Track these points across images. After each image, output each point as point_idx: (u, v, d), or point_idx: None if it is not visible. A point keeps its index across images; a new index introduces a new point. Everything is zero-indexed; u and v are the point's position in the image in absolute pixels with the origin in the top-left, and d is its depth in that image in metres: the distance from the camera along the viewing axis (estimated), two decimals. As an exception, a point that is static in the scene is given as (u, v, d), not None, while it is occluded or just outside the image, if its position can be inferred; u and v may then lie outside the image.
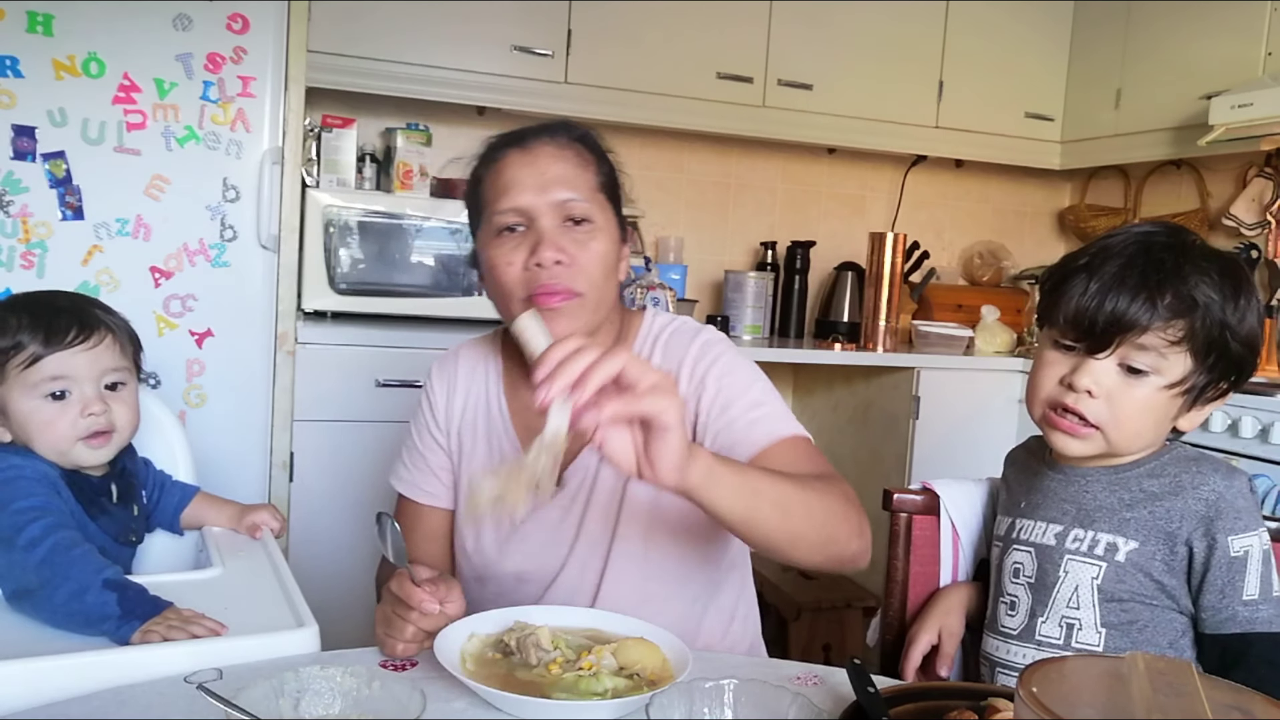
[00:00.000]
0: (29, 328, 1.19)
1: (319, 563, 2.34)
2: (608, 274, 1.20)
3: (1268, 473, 2.33)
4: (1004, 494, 1.30)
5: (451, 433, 1.32)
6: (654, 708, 0.83)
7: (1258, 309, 1.11)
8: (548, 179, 1.17)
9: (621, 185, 1.27)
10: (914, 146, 3.36)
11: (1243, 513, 1.08)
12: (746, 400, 1.20)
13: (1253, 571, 1.07)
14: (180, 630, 1.01)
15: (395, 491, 1.37)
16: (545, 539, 1.26)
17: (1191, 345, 1.08)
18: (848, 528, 1.06)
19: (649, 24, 2.92)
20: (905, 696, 0.92)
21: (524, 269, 1.15)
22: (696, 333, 1.26)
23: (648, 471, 0.88)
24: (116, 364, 1.25)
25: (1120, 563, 1.11)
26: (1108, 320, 1.08)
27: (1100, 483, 1.15)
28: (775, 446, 1.16)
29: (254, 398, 2.26)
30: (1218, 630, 1.08)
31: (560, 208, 1.16)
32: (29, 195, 2.05)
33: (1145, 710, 0.64)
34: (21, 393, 1.19)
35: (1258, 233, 3.05)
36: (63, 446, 1.20)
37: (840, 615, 2.86)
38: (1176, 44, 3.06)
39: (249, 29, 2.15)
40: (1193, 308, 1.07)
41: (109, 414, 1.23)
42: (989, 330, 3.20)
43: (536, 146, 1.19)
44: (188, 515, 1.39)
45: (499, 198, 1.17)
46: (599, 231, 1.18)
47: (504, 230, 1.17)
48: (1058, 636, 1.15)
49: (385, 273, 2.59)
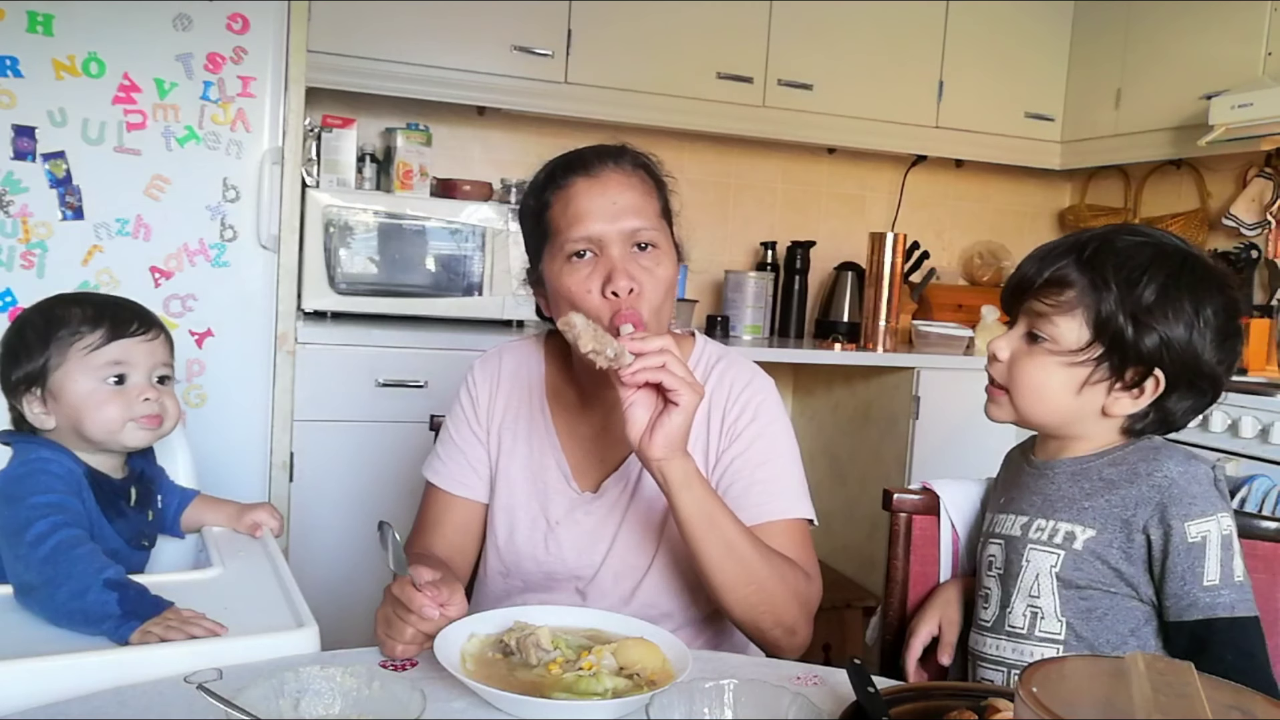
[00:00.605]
0: (93, 318, 1.24)
1: (319, 563, 2.34)
2: (668, 296, 1.25)
3: (1268, 473, 2.32)
4: (993, 492, 1.31)
5: (493, 430, 1.36)
6: (654, 708, 0.83)
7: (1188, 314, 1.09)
8: (619, 208, 1.21)
9: (673, 208, 1.33)
10: (914, 146, 3.36)
11: (1198, 498, 1.08)
12: (768, 470, 1.27)
13: (1211, 557, 1.06)
14: (179, 630, 1.01)
15: (425, 482, 1.39)
16: (581, 542, 1.29)
17: (1085, 317, 1.11)
18: (773, 617, 1.17)
19: (649, 24, 2.92)
20: (905, 696, 0.92)
21: (602, 296, 1.20)
22: (753, 378, 1.32)
23: (645, 440, 1.09)
24: (167, 359, 1.31)
25: (1078, 550, 1.12)
26: (1011, 286, 1.18)
27: (1065, 474, 1.17)
28: (769, 525, 1.24)
29: (254, 398, 2.26)
30: (1180, 617, 1.08)
31: (630, 236, 1.21)
32: (29, 195, 2.05)
33: (1145, 710, 0.64)
34: (82, 374, 1.23)
35: (1258, 233, 3.05)
36: (113, 426, 1.24)
37: (840, 615, 2.86)
38: (1176, 44, 3.06)
39: (249, 29, 2.15)
40: (1085, 278, 1.11)
41: (161, 401, 1.28)
42: (989, 330, 3.19)
43: (604, 174, 1.23)
44: (187, 518, 1.39)
45: (571, 226, 1.21)
46: (663, 256, 1.24)
47: (574, 256, 1.21)
48: (1022, 626, 1.16)
49: (385, 273, 2.59)
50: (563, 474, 1.31)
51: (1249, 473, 2.33)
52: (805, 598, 1.21)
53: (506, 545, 1.33)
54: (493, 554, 1.35)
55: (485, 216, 2.64)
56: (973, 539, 1.37)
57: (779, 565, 1.18)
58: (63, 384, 1.23)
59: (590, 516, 1.30)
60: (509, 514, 1.33)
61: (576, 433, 1.33)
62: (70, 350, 1.23)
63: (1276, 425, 2.33)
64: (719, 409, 1.29)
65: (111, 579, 1.05)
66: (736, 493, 1.25)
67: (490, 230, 2.64)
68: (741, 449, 1.27)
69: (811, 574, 1.24)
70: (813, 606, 1.23)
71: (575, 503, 1.30)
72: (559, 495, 1.31)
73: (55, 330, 1.23)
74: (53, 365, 1.22)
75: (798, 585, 1.20)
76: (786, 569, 1.19)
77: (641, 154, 1.30)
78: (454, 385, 1.42)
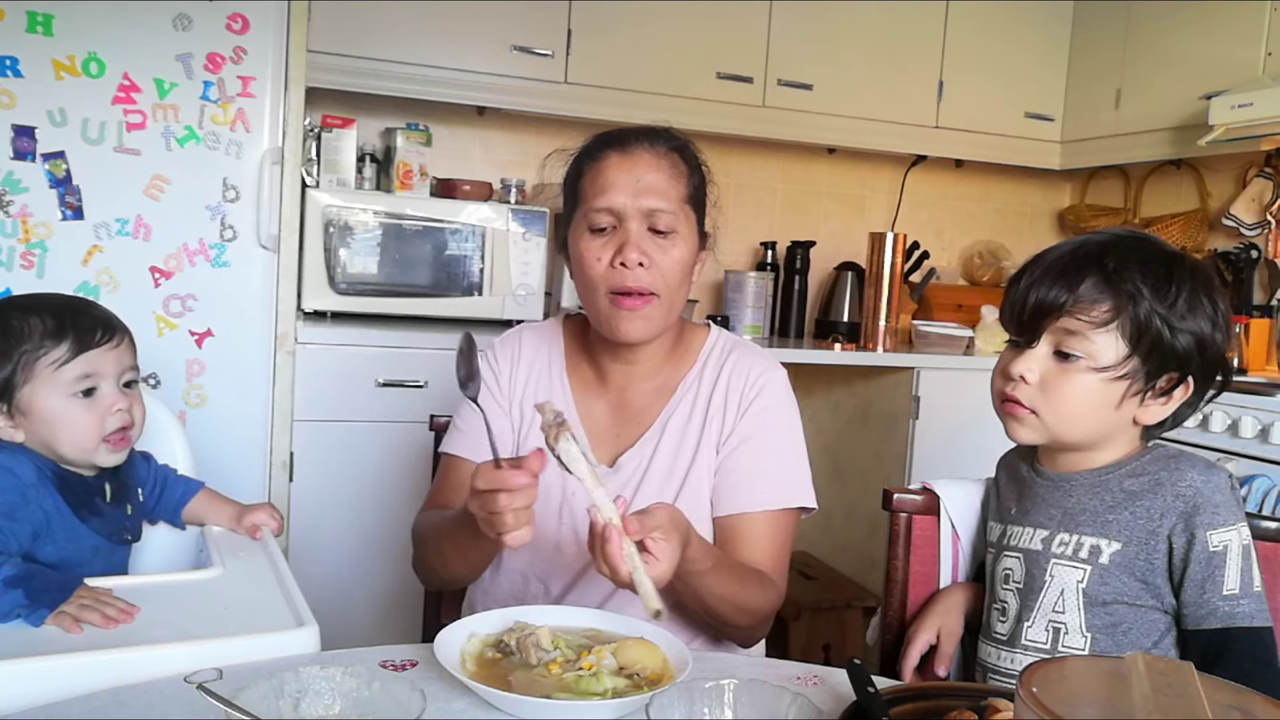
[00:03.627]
0: (55, 330, 1.23)
1: (319, 563, 2.34)
2: (683, 279, 1.29)
3: (1268, 473, 2.32)
4: (994, 500, 1.30)
5: (514, 402, 1.38)
6: (654, 708, 0.83)
7: (1209, 311, 1.11)
8: (642, 185, 1.26)
9: (709, 195, 1.36)
10: (914, 146, 3.36)
11: (1221, 507, 1.08)
12: (770, 459, 1.31)
13: (1232, 566, 1.07)
14: (92, 610, 1.03)
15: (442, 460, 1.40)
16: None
17: (1122, 330, 1.10)
18: (727, 632, 1.27)
19: (649, 24, 2.92)
20: (905, 696, 0.92)
21: (609, 266, 1.25)
22: (766, 367, 1.37)
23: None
24: (133, 362, 1.31)
25: (1105, 565, 1.12)
26: (1033, 308, 1.14)
27: (1083, 486, 1.16)
28: (756, 515, 1.29)
29: (254, 398, 2.26)
30: (1199, 625, 1.08)
31: (648, 215, 1.26)
32: (29, 195, 2.05)
33: (1145, 710, 0.64)
34: (50, 391, 1.22)
35: (1258, 233, 3.05)
36: (87, 446, 1.24)
37: (840, 615, 2.86)
38: (1176, 44, 3.05)
39: (249, 29, 2.15)
40: (1117, 291, 1.10)
41: (130, 410, 1.28)
42: (989, 330, 3.19)
43: (636, 151, 1.28)
44: (190, 510, 1.40)
45: (595, 195, 1.26)
46: (679, 240, 1.28)
47: (594, 228, 1.27)
48: (1044, 641, 1.15)
49: (385, 273, 2.59)
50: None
51: (1249, 473, 2.33)
52: (762, 613, 1.28)
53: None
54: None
55: (485, 216, 2.64)
56: (976, 540, 1.37)
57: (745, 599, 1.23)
58: (31, 401, 1.22)
59: None
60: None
61: (594, 409, 1.36)
62: (37, 366, 1.21)
63: (1276, 425, 2.33)
64: (734, 395, 1.33)
65: (9, 576, 1.05)
66: (735, 479, 1.30)
67: (490, 230, 2.64)
68: (746, 434, 1.31)
69: (777, 579, 1.30)
70: (769, 614, 1.30)
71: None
72: None
73: (18, 344, 1.21)
74: (19, 382, 1.21)
75: (758, 609, 1.26)
76: (752, 597, 1.24)
77: (681, 138, 1.34)
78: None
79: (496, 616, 1.07)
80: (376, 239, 2.57)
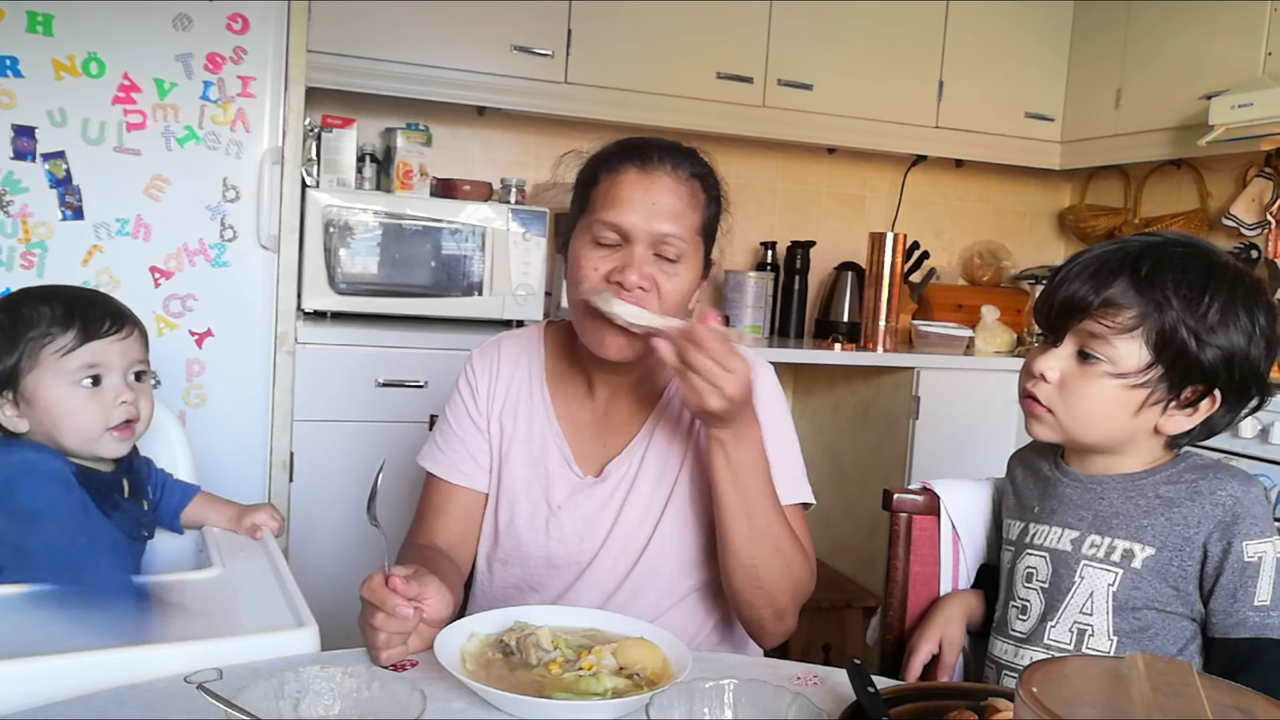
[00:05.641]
0: (63, 318, 1.21)
1: (319, 563, 2.34)
2: (681, 305, 1.25)
3: (1268, 473, 2.33)
4: (1011, 497, 1.29)
5: (493, 418, 1.36)
6: (654, 708, 0.83)
7: (1245, 324, 1.08)
8: (657, 209, 1.21)
9: (722, 225, 1.33)
10: (914, 146, 3.36)
11: (1259, 519, 1.08)
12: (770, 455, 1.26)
13: (1265, 577, 1.06)
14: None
15: (425, 474, 1.39)
16: (582, 528, 1.30)
17: (1146, 337, 1.08)
18: (766, 595, 1.21)
19: (649, 24, 2.92)
20: (905, 696, 0.92)
21: (605, 279, 1.20)
22: (753, 364, 1.30)
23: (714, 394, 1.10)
24: (142, 355, 1.29)
25: (1137, 569, 1.11)
26: (1060, 306, 1.13)
27: (1116, 490, 1.15)
28: None
29: (254, 398, 2.26)
30: (1226, 634, 1.08)
31: (658, 240, 1.21)
32: (29, 195, 2.05)
33: (1145, 710, 0.64)
34: (54, 379, 1.20)
35: (1258, 233, 3.05)
36: (89, 436, 1.22)
37: (840, 615, 2.86)
38: (1176, 44, 3.06)
39: (249, 29, 2.15)
40: (1145, 298, 1.08)
41: (137, 403, 1.26)
42: (989, 330, 3.20)
43: (657, 172, 1.22)
44: (188, 514, 1.39)
45: (605, 208, 1.21)
46: (682, 270, 1.23)
47: (598, 240, 1.22)
48: (1068, 641, 1.14)
49: (385, 273, 2.59)
50: (564, 458, 1.32)
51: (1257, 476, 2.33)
52: (801, 587, 1.24)
53: (507, 530, 1.33)
54: (491, 541, 1.35)
55: (485, 216, 2.64)
56: (976, 541, 1.37)
57: (788, 551, 1.20)
58: (35, 389, 1.20)
59: (592, 500, 1.30)
60: (510, 499, 1.33)
61: (578, 418, 1.34)
62: (42, 354, 1.20)
63: (1276, 425, 2.33)
64: None
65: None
66: None
67: (490, 230, 2.64)
68: None
69: (810, 561, 1.27)
70: (804, 597, 1.26)
71: (577, 487, 1.31)
72: (561, 479, 1.31)
73: (24, 331, 1.20)
74: (24, 369, 1.20)
75: (799, 576, 1.23)
76: (795, 557, 1.21)
77: (706, 164, 1.29)
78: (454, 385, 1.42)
79: (496, 616, 1.07)
80: (376, 239, 2.57)
